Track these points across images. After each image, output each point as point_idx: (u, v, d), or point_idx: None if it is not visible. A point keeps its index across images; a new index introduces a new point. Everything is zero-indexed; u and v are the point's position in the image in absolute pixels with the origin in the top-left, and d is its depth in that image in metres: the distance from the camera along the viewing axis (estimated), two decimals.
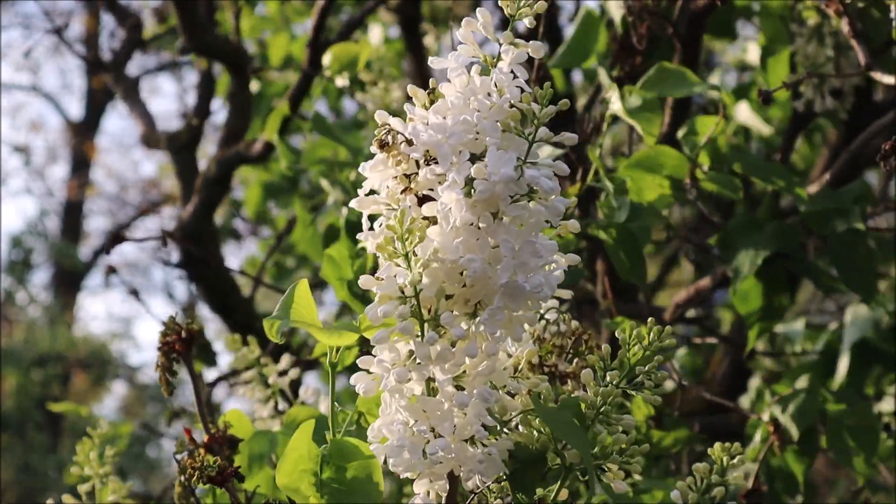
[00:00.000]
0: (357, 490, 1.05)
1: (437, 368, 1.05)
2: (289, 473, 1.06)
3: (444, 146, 1.06)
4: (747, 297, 1.92)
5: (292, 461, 1.07)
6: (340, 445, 1.07)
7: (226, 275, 2.65)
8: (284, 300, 1.10)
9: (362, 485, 1.05)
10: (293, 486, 1.06)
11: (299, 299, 1.10)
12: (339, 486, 1.05)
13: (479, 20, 1.11)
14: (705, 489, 1.09)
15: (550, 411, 1.09)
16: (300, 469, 1.07)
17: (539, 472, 1.12)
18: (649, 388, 1.10)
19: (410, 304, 1.04)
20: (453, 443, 1.05)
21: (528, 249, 1.04)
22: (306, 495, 1.06)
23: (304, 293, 1.10)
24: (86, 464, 1.53)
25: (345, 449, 1.07)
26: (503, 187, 1.03)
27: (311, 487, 1.06)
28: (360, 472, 1.05)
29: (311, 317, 1.10)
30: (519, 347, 1.19)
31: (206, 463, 1.15)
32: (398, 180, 1.08)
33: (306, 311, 1.09)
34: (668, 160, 1.74)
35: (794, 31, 2.13)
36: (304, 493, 1.06)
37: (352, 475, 1.05)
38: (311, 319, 1.09)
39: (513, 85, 1.08)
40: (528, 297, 1.05)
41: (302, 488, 1.06)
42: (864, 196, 1.90)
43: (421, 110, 1.10)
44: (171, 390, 1.38)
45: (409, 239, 1.02)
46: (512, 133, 1.07)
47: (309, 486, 1.06)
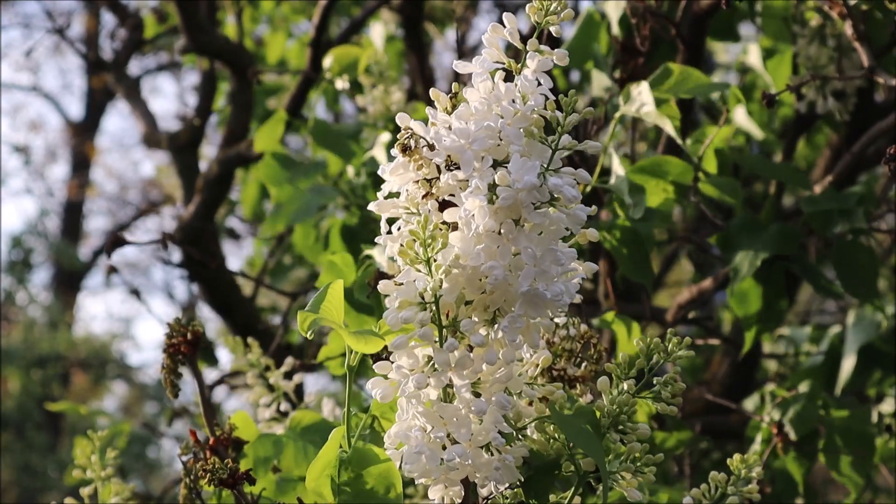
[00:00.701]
0: (375, 496, 1.05)
1: (455, 375, 1.04)
2: (315, 478, 1.07)
3: (467, 152, 1.06)
4: (746, 299, 1.92)
5: (320, 466, 1.07)
6: (360, 451, 1.07)
7: (226, 274, 2.64)
8: (317, 297, 1.09)
9: (380, 492, 1.05)
10: (318, 489, 1.07)
11: (331, 299, 1.09)
12: (357, 492, 1.05)
13: (507, 26, 1.11)
14: (719, 497, 1.09)
15: (566, 419, 1.09)
16: (326, 473, 1.07)
17: (553, 479, 1.11)
18: (667, 398, 1.10)
19: (430, 310, 1.03)
20: (470, 449, 1.04)
21: (550, 257, 1.04)
22: (327, 499, 1.06)
23: (337, 294, 1.10)
24: (87, 466, 1.53)
25: (365, 454, 1.07)
26: (526, 195, 1.03)
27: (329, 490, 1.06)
28: (378, 479, 1.06)
29: (340, 318, 1.09)
30: (534, 354, 1.19)
31: (217, 465, 1.15)
32: (419, 185, 1.08)
33: (335, 311, 1.09)
34: (673, 167, 1.75)
35: (796, 32, 2.13)
36: (326, 496, 1.06)
37: (370, 480, 1.06)
38: (339, 319, 1.09)
39: (537, 92, 1.08)
40: (548, 305, 1.05)
41: (325, 492, 1.06)
42: (868, 198, 1.90)
43: (443, 115, 1.10)
44: (176, 392, 1.38)
45: (431, 245, 1.02)
46: (535, 140, 1.06)
47: (330, 490, 1.06)
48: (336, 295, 1.10)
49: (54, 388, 7.94)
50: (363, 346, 1.08)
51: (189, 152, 3.14)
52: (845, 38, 2.08)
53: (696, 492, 1.09)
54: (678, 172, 1.75)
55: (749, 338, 1.95)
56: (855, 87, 2.16)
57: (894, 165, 1.38)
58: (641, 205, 1.68)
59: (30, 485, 7.27)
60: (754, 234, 1.87)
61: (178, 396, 1.37)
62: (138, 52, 3.85)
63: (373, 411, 1.19)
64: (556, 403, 1.13)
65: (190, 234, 2.62)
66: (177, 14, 2.69)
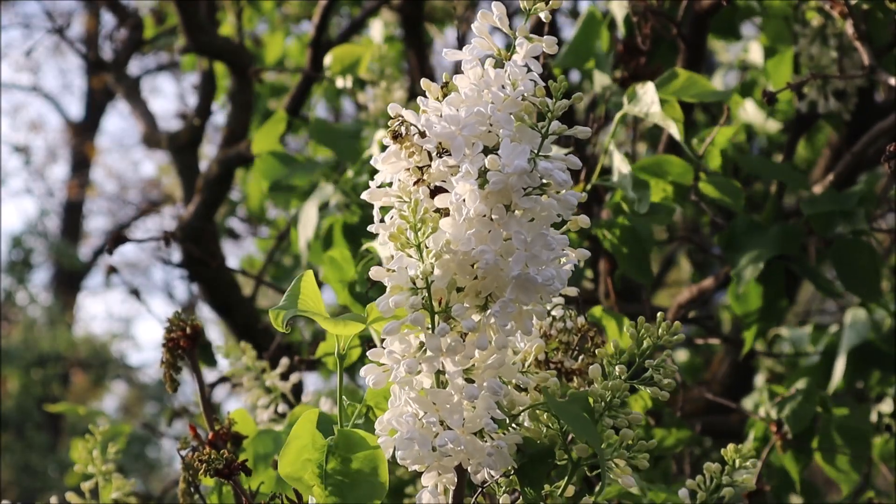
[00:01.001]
0: (361, 482, 1.04)
1: (447, 360, 1.05)
2: (291, 463, 1.06)
3: (457, 138, 1.06)
4: (746, 298, 1.92)
5: (295, 450, 1.06)
6: (347, 436, 1.07)
7: (226, 274, 2.65)
8: (291, 291, 1.10)
9: (367, 477, 1.05)
10: (296, 475, 1.06)
11: (305, 290, 1.10)
12: (344, 478, 1.05)
13: (495, 13, 1.12)
14: (714, 489, 1.09)
15: (561, 404, 1.09)
16: (303, 458, 1.06)
17: (547, 467, 1.12)
18: (658, 381, 1.10)
19: (422, 296, 1.04)
20: (463, 435, 1.05)
21: (541, 242, 1.05)
22: (310, 484, 1.05)
23: (310, 284, 1.10)
24: (87, 462, 1.53)
25: (351, 439, 1.07)
26: (517, 179, 1.03)
27: (315, 477, 1.05)
28: (365, 464, 1.05)
29: (318, 307, 1.10)
30: (528, 342, 1.19)
31: (213, 456, 1.15)
32: (410, 172, 1.08)
33: (313, 301, 1.10)
34: (674, 167, 1.75)
35: (797, 31, 2.13)
36: (307, 482, 1.06)
37: (357, 467, 1.05)
38: (317, 310, 1.09)
39: (527, 78, 1.09)
40: (539, 290, 1.05)
41: (305, 478, 1.06)
42: (868, 198, 1.90)
43: (434, 102, 1.10)
44: (176, 387, 1.38)
45: (421, 229, 1.03)
46: (525, 126, 1.07)
47: (312, 475, 1.05)
48: (309, 286, 1.10)
49: (54, 389, 7.94)
50: (341, 329, 1.08)
51: (189, 152, 3.14)
52: (846, 38, 2.08)
53: (692, 483, 1.10)
54: (678, 172, 1.75)
55: (749, 337, 1.95)
56: (856, 86, 2.16)
57: (895, 163, 1.38)
58: (646, 200, 1.68)
59: (30, 485, 7.27)
60: (755, 235, 1.87)
61: (177, 391, 1.37)
62: (138, 52, 3.85)
63: (367, 401, 1.19)
64: (550, 391, 1.13)
65: (190, 233, 2.62)
66: (177, 14, 2.69)
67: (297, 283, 1.11)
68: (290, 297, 1.09)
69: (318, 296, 1.11)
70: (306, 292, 1.10)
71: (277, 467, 1.06)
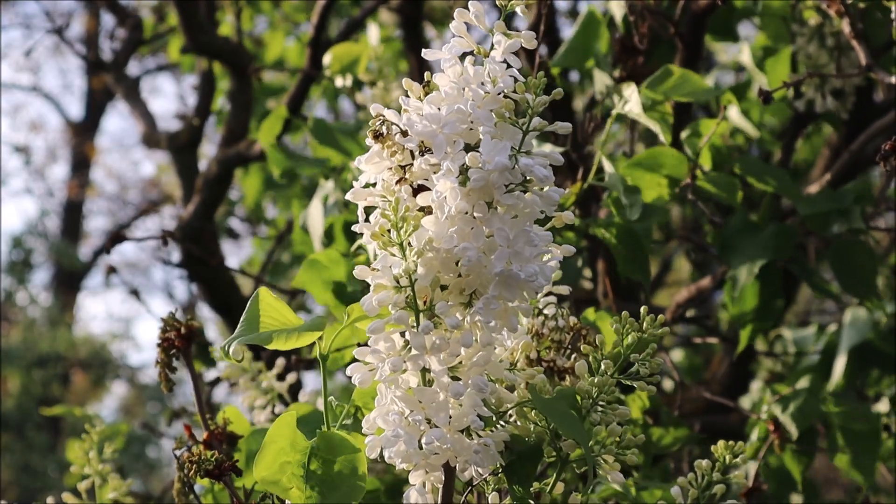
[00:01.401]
0: (341, 482, 1.04)
1: (432, 358, 1.05)
2: (268, 466, 1.06)
3: (438, 136, 1.06)
4: (742, 298, 1.92)
5: (272, 453, 1.06)
6: (329, 438, 1.07)
7: (226, 274, 2.65)
8: (248, 314, 1.10)
9: (347, 478, 1.04)
10: (273, 478, 1.05)
11: (265, 307, 1.10)
12: (325, 479, 1.04)
13: (472, 11, 1.12)
14: (706, 486, 1.09)
15: (547, 401, 1.09)
16: (281, 461, 1.06)
17: (536, 464, 1.12)
18: (644, 376, 1.10)
19: (405, 294, 1.04)
20: (449, 433, 1.04)
21: (523, 238, 1.04)
22: (287, 487, 1.05)
23: (267, 300, 1.11)
24: (84, 462, 1.53)
25: (333, 441, 1.07)
26: (497, 176, 1.03)
27: (294, 479, 1.05)
28: (345, 466, 1.05)
29: (285, 319, 1.10)
30: (515, 340, 1.19)
31: (204, 457, 1.15)
32: (393, 171, 1.09)
33: (277, 315, 1.10)
34: (668, 160, 1.74)
35: (795, 31, 2.13)
36: (284, 484, 1.05)
37: (338, 468, 1.05)
38: (284, 323, 1.09)
39: (506, 74, 1.09)
40: (522, 287, 1.05)
41: (283, 480, 1.05)
42: (865, 196, 1.90)
43: (416, 101, 1.10)
44: (171, 386, 1.38)
45: (403, 227, 1.03)
46: (506, 122, 1.07)
47: (290, 478, 1.05)
48: (267, 301, 1.10)
49: (54, 389, 7.94)
50: (292, 342, 1.08)
51: (188, 152, 3.14)
52: (844, 37, 2.08)
53: (683, 480, 1.10)
54: (672, 165, 1.74)
55: (744, 336, 1.94)
56: (853, 85, 2.15)
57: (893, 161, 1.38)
58: (637, 205, 1.68)
59: (30, 485, 7.28)
60: (751, 235, 1.86)
61: (174, 390, 1.37)
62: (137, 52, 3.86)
63: (355, 401, 1.19)
64: (538, 388, 1.13)
65: (190, 233, 2.62)
66: (176, 14, 2.69)
67: (252, 304, 1.11)
68: (248, 320, 1.09)
69: (280, 308, 1.11)
70: (265, 310, 1.10)
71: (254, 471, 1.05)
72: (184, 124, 3.17)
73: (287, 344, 1.09)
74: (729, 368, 2.53)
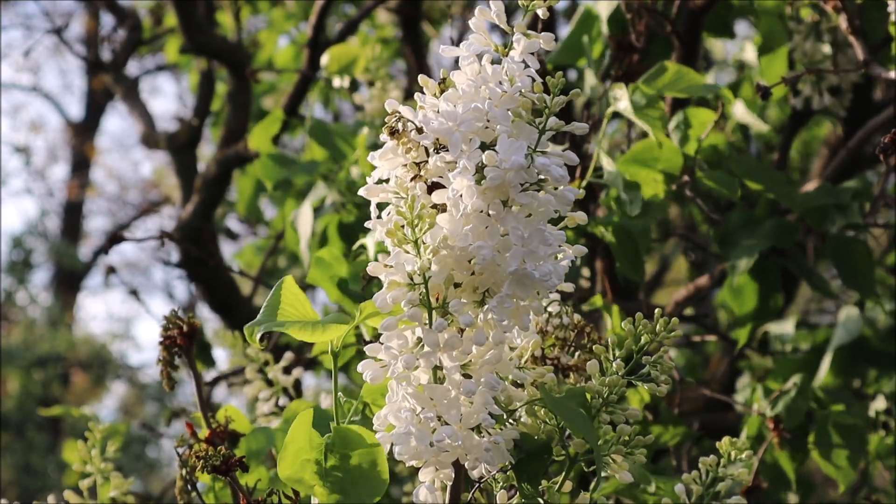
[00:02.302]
0: (361, 478, 1.05)
1: (444, 356, 1.05)
2: (290, 465, 1.06)
3: (454, 134, 1.06)
4: (741, 296, 1.92)
5: (293, 452, 1.06)
6: (343, 433, 1.07)
7: (225, 274, 2.65)
8: (270, 301, 1.10)
9: (366, 473, 1.05)
10: (296, 476, 1.06)
11: (286, 297, 1.10)
12: (344, 475, 1.05)
13: (493, 9, 1.12)
14: (710, 483, 1.09)
15: (557, 400, 1.09)
16: (302, 459, 1.06)
17: (544, 462, 1.12)
18: (656, 377, 1.10)
19: (419, 292, 1.04)
20: (460, 430, 1.05)
21: (538, 237, 1.05)
22: (310, 484, 1.06)
23: (291, 290, 1.11)
24: (82, 462, 1.54)
25: (348, 436, 1.07)
26: (514, 175, 1.03)
27: (315, 476, 1.06)
28: (364, 460, 1.05)
29: (304, 312, 1.10)
30: (524, 338, 1.20)
31: (211, 452, 1.15)
32: (408, 168, 1.09)
33: (297, 306, 1.10)
34: (662, 152, 1.74)
35: (791, 28, 2.13)
36: (308, 482, 1.06)
37: (356, 462, 1.05)
38: (302, 315, 1.10)
39: (524, 74, 1.09)
40: (536, 286, 1.05)
41: (306, 478, 1.06)
42: (863, 192, 1.90)
43: (431, 98, 1.10)
44: (173, 385, 1.38)
45: (418, 225, 1.03)
46: (522, 122, 1.07)
47: (312, 475, 1.06)
48: (291, 290, 1.11)
49: (54, 389, 7.94)
50: (318, 336, 1.08)
51: (187, 152, 3.14)
52: (841, 34, 2.08)
53: (687, 477, 1.10)
54: (667, 158, 1.73)
55: (743, 334, 1.94)
56: (851, 82, 2.16)
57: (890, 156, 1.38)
58: (638, 201, 1.69)
59: (30, 485, 7.27)
60: (751, 229, 1.86)
61: (175, 389, 1.37)
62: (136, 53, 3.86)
63: (363, 397, 1.19)
64: (547, 386, 1.13)
65: (188, 233, 2.62)
66: (175, 14, 2.70)
67: (276, 291, 1.11)
68: (269, 307, 1.10)
69: (302, 300, 1.11)
70: (287, 300, 1.10)
71: (277, 469, 1.06)
72: (182, 124, 3.17)
73: (312, 336, 1.09)
74: (727, 367, 2.53)
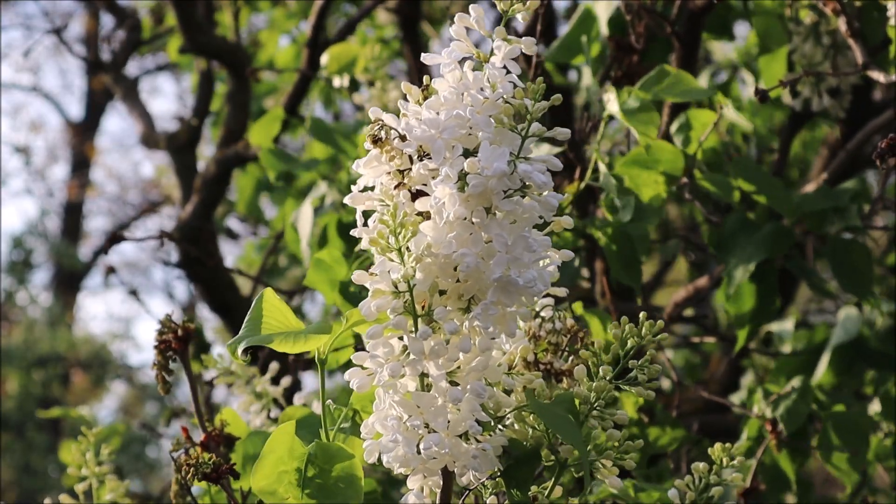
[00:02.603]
0: (338, 492, 1.04)
1: (430, 364, 1.05)
2: (266, 476, 1.06)
3: (437, 141, 1.06)
4: (739, 298, 1.91)
5: (270, 463, 1.06)
6: (325, 447, 1.07)
7: (224, 274, 2.65)
8: (252, 315, 1.10)
9: (344, 487, 1.05)
10: (270, 488, 1.06)
11: (268, 309, 1.10)
12: (322, 487, 1.05)
13: (472, 15, 1.12)
14: (703, 488, 1.09)
15: (544, 406, 1.09)
16: (279, 471, 1.06)
17: (533, 469, 1.12)
18: (643, 381, 1.10)
19: (404, 299, 1.04)
20: (447, 438, 1.05)
21: (522, 244, 1.04)
22: (284, 497, 1.06)
23: (271, 301, 1.11)
24: (81, 464, 1.53)
25: (329, 451, 1.07)
26: (496, 182, 1.03)
27: (290, 488, 1.05)
28: (342, 474, 1.05)
29: (287, 322, 1.10)
30: (513, 344, 1.19)
31: (202, 460, 1.15)
32: (392, 176, 1.09)
33: (279, 318, 1.10)
34: (664, 154, 1.73)
35: (791, 29, 2.12)
36: (280, 495, 1.06)
37: (335, 476, 1.05)
38: (286, 325, 1.09)
39: (505, 80, 1.09)
40: (521, 292, 1.05)
41: (280, 490, 1.06)
42: (862, 195, 1.89)
43: (415, 106, 1.10)
44: (168, 388, 1.38)
45: (401, 233, 1.03)
46: (505, 128, 1.07)
47: (287, 486, 1.05)
48: (271, 302, 1.10)
49: (54, 389, 7.94)
50: (299, 347, 1.09)
51: (187, 152, 3.14)
52: (840, 36, 2.07)
53: (681, 483, 1.10)
54: (669, 160, 1.73)
55: (741, 336, 1.93)
56: (850, 84, 2.15)
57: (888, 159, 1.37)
58: (630, 207, 1.68)
59: (30, 485, 7.28)
60: (748, 234, 1.85)
61: (170, 392, 1.37)
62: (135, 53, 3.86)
63: (353, 404, 1.19)
64: (536, 392, 1.13)
65: (188, 233, 2.62)
66: (174, 14, 2.69)
67: (257, 305, 1.11)
68: (252, 321, 1.09)
69: (284, 310, 1.11)
70: (269, 312, 1.10)
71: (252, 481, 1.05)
72: (182, 124, 3.17)
73: (294, 347, 1.09)
74: (727, 368, 2.52)
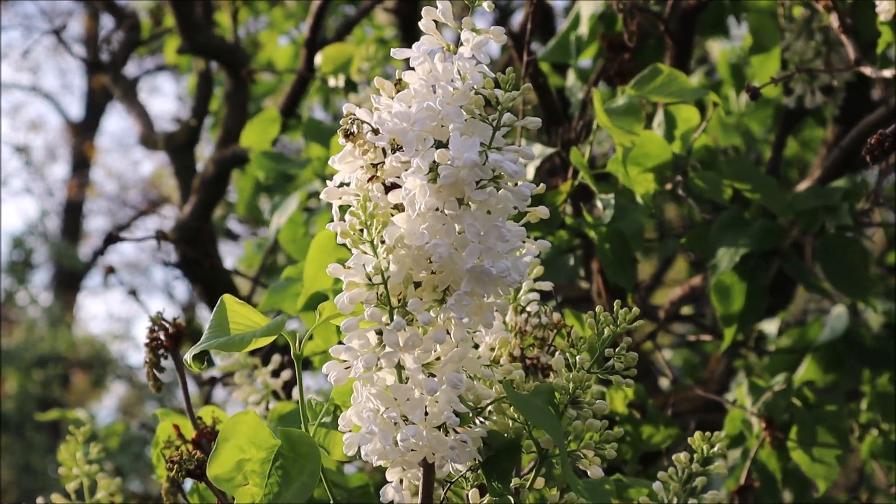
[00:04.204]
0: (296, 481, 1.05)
1: (406, 355, 1.05)
2: (223, 464, 1.07)
3: (408, 133, 1.06)
4: (728, 296, 1.90)
5: (228, 451, 1.07)
6: (288, 435, 1.07)
7: (223, 274, 2.65)
8: (214, 320, 1.10)
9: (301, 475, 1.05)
10: (227, 476, 1.07)
11: (231, 313, 1.11)
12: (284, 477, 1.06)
13: (439, 7, 1.12)
14: (686, 479, 1.09)
15: (522, 397, 1.09)
16: (237, 459, 1.07)
17: (514, 460, 1.12)
18: (620, 370, 1.10)
19: (378, 291, 1.04)
20: (425, 430, 1.05)
21: (495, 234, 1.05)
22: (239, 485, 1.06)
23: (233, 304, 1.11)
24: (72, 463, 1.54)
25: (292, 438, 1.07)
26: (467, 172, 1.03)
27: (253, 476, 1.06)
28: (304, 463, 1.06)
29: (251, 321, 1.10)
30: (492, 335, 1.20)
31: (185, 457, 1.16)
32: (365, 169, 1.09)
33: (243, 320, 1.10)
34: (653, 148, 1.72)
35: (783, 26, 2.12)
36: (237, 482, 1.06)
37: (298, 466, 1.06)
38: (251, 325, 1.10)
39: (475, 71, 1.09)
40: (495, 282, 1.05)
41: (238, 478, 1.06)
42: (853, 193, 1.89)
43: (387, 100, 1.10)
44: (159, 386, 1.39)
45: (373, 225, 1.03)
46: (476, 119, 1.07)
47: (248, 475, 1.06)
48: (232, 306, 1.11)
49: (54, 389, 7.95)
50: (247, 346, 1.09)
51: (186, 153, 3.15)
52: (832, 32, 2.07)
53: (664, 475, 1.10)
54: (657, 154, 1.72)
55: (729, 334, 1.92)
56: (844, 81, 2.15)
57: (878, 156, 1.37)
58: (611, 207, 1.69)
59: (30, 485, 7.28)
60: (738, 230, 1.85)
61: (161, 390, 1.37)
62: (134, 53, 3.86)
63: (333, 399, 1.19)
64: (514, 383, 1.13)
65: (186, 233, 2.63)
66: (173, 15, 2.70)
67: (218, 310, 1.11)
68: (216, 327, 1.10)
69: (247, 311, 1.11)
70: (233, 315, 1.11)
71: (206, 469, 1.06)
72: (181, 125, 3.18)
73: (248, 347, 1.09)
74: (726, 367, 2.52)
